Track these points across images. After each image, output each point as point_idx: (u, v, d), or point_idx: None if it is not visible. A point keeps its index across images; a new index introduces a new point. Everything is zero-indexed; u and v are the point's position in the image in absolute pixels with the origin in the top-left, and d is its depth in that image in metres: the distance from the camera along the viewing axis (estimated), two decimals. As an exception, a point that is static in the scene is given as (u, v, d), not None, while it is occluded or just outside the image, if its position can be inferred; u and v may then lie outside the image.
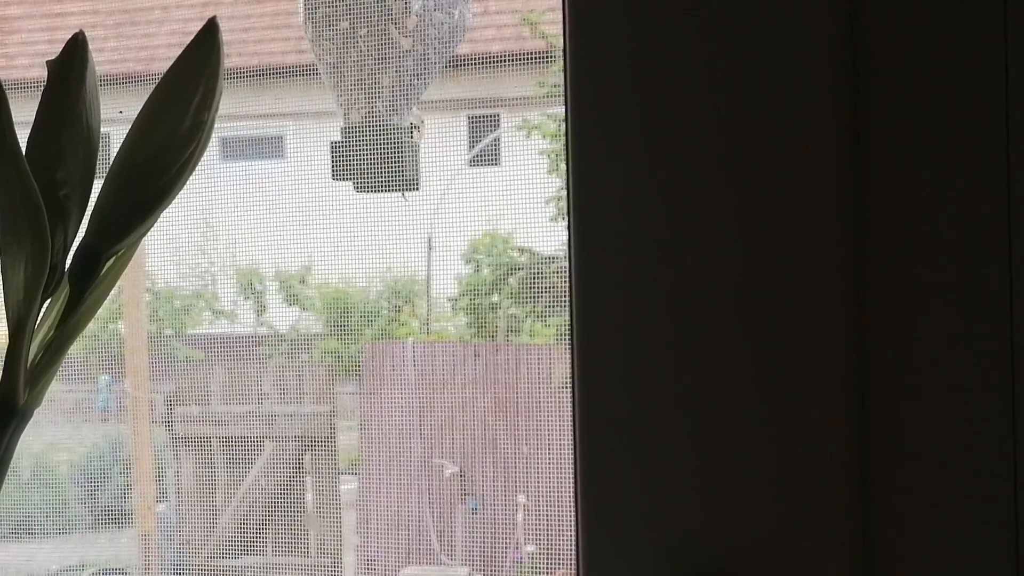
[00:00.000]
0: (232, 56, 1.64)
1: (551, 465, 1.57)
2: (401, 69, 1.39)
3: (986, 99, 0.63)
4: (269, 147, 1.80)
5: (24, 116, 0.57)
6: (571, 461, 0.68)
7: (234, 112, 1.64)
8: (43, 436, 1.80)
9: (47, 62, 0.55)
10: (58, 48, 0.55)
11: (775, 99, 0.64)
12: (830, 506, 0.64)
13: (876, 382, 0.64)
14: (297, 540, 1.71)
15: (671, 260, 0.65)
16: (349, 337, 1.73)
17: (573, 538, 0.68)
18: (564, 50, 0.66)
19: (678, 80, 0.65)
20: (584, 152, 0.66)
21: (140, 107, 0.58)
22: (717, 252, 0.65)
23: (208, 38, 0.56)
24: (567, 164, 0.67)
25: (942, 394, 0.64)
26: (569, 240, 0.67)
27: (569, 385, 0.68)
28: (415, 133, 1.43)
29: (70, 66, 0.55)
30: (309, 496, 1.70)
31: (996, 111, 0.62)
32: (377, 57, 1.39)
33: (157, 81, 0.57)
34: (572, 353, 0.67)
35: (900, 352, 0.64)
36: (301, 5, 1.42)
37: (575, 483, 0.68)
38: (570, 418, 0.68)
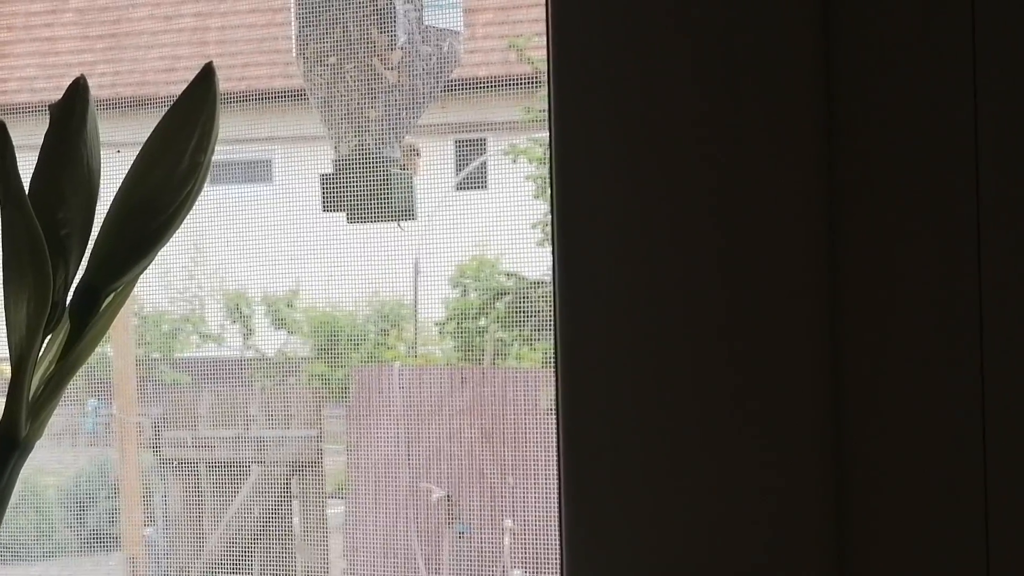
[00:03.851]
0: (220, 80, 1.64)
1: (538, 489, 1.58)
2: (388, 102, 1.41)
3: (955, 101, 0.64)
4: (257, 171, 1.81)
5: (16, 140, 0.58)
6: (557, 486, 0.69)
7: (222, 136, 1.64)
8: (31, 460, 1.80)
9: (49, 106, 0.56)
10: (48, 73, 0.57)
11: (757, 118, 0.65)
12: (810, 531, 0.66)
13: (853, 397, 0.66)
14: (284, 564, 1.71)
15: (656, 285, 0.66)
16: (336, 361, 1.74)
17: (558, 564, 0.69)
18: (548, 75, 0.67)
19: (662, 103, 0.66)
20: (568, 176, 0.68)
21: (131, 130, 0.59)
22: (703, 278, 0.66)
23: (205, 82, 0.57)
24: (551, 188, 0.68)
25: (918, 410, 0.65)
26: (553, 265, 0.68)
27: (553, 410, 0.69)
28: (410, 163, 1.44)
29: (71, 110, 0.56)
30: (296, 520, 1.71)
31: (965, 114, 0.64)
32: (364, 91, 1.41)
33: (147, 105, 0.58)
34: (556, 378, 0.68)
35: (875, 371, 0.65)
36: (294, 41, 1.44)
37: (559, 508, 0.68)
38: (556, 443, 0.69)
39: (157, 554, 1.73)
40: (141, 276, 0.60)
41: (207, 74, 0.57)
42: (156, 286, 1.75)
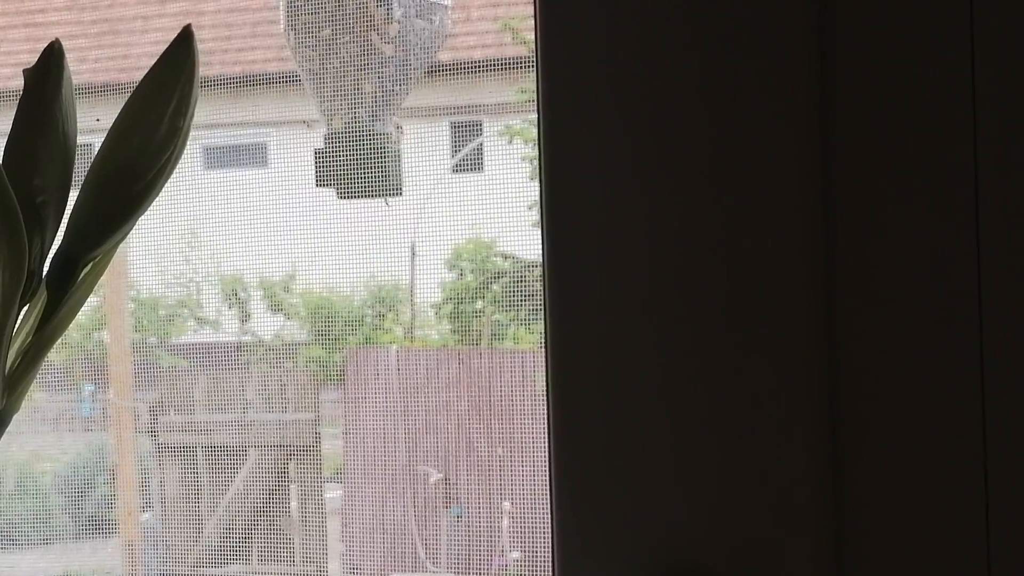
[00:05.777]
0: (214, 65, 1.65)
1: (536, 471, 1.57)
2: (383, 76, 1.40)
3: (952, 103, 0.63)
4: (252, 155, 1.80)
5: (6, 126, 0.57)
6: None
7: (217, 120, 1.64)
8: (27, 445, 1.80)
9: (24, 71, 0.55)
10: (40, 58, 0.56)
11: (747, 107, 0.65)
12: (804, 509, 0.65)
13: (848, 385, 0.65)
14: (282, 548, 1.71)
15: (645, 265, 0.66)
16: (333, 344, 1.73)
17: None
18: (536, 56, 0.67)
19: (650, 86, 0.66)
20: (557, 157, 0.67)
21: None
22: (692, 257, 0.65)
23: (183, 46, 0.56)
24: (540, 169, 0.68)
25: (913, 400, 0.64)
26: (543, 246, 0.68)
27: (545, 390, 0.68)
28: (396, 137, 1.44)
29: (47, 74, 0.55)
30: (294, 504, 1.70)
31: (963, 116, 0.63)
32: (359, 64, 1.40)
33: (139, 90, 0.57)
34: (546, 358, 0.67)
35: (871, 360, 0.65)
36: (283, 14, 1.43)
37: (550, 487, 0.68)
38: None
39: (154, 539, 1.73)
40: (136, 259, 0.59)
41: (185, 36, 0.55)
42: (153, 271, 1.75)
